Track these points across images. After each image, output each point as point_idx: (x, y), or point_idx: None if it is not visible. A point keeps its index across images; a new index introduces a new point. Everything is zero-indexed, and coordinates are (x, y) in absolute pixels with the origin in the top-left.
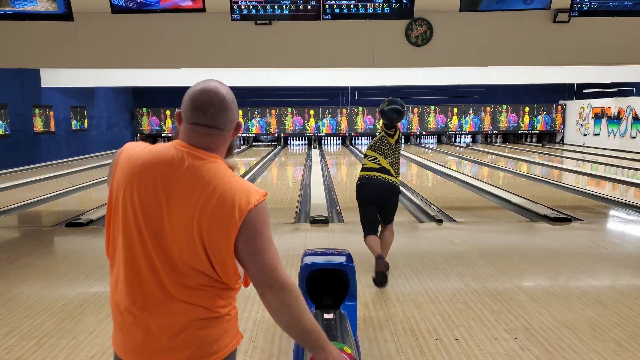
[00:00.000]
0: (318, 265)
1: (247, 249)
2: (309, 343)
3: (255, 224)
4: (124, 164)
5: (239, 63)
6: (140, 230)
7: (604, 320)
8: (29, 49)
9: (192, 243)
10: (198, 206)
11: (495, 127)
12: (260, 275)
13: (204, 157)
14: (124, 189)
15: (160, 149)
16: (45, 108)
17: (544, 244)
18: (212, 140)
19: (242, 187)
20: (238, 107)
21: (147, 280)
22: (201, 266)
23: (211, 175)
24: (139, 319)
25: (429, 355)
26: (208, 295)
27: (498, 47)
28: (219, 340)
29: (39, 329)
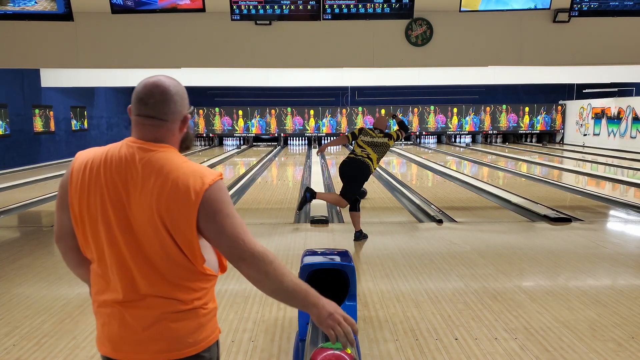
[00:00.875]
0: (318, 265)
1: (211, 229)
2: (298, 303)
3: (212, 203)
4: (81, 171)
5: (239, 63)
6: (110, 226)
7: (604, 320)
8: (29, 49)
9: (158, 231)
10: (154, 194)
11: (495, 127)
12: (230, 251)
13: (153, 148)
14: (87, 193)
15: (113, 149)
16: (45, 108)
17: (544, 244)
18: (156, 131)
19: (194, 170)
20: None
21: (121, 273)
22: (171, 253)
23: (162, 163)
24: (115, 311)
25: (429, 355)
26: (181, 287)
27: (498, 47)
28: (194, 334)
29: (38, 329)
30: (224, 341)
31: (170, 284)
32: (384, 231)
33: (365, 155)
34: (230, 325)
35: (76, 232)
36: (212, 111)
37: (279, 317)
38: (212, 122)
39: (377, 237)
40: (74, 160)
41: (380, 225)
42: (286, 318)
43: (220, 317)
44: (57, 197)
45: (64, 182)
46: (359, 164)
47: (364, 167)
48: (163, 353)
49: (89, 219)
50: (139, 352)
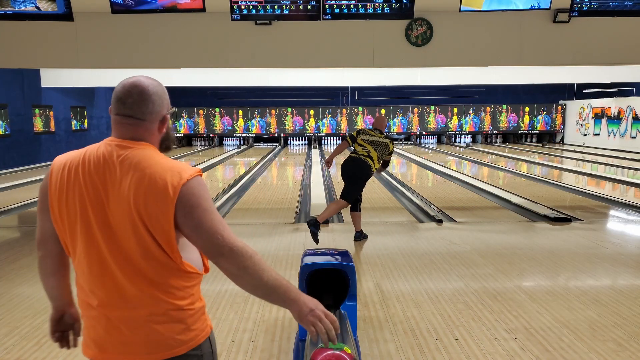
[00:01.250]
0: (318, 265)
1: (189, 224)
2: (279, 299)
3: (190, 198)
4: (60, 172)
5: (239, 63)
6: (91, 227)
7: (604, 320)
8: (29, 49)
9: (136, 227)
10: (132, 190)
11: (495, 127)
12: (208, 246)
13: (131, 145)
14: (66, 194)
15: (92, 149)
16: (45, 108)
17: (544, 244)
18: (134, 130)
19: (173, 165)
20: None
21: (103, 274)
22: (150, 249)
23: (140, 159)
24: (100, 314)
25: (429, 355)
26: (164, 287)
27: (498, 47)
28: (180, 334)
29: (39, 329)
30: (224, 341)
31: (153, 284)
32: (384, 231)
33: (366, 153)
34: (230, 325)
35: (59, 235)
36: (212, 111)
37: (279, 317)
38: (212, 122)
39: (377, 237)
40: (52, 164)
41: (380, 225)
42: (286, 318)
43: (220, 317)
44: (38, 201)
45: (43, 185)
46: (359, 163)
47: (364, 166)
48: (150, 354)
49: (68, 220)
50: (125, 354)
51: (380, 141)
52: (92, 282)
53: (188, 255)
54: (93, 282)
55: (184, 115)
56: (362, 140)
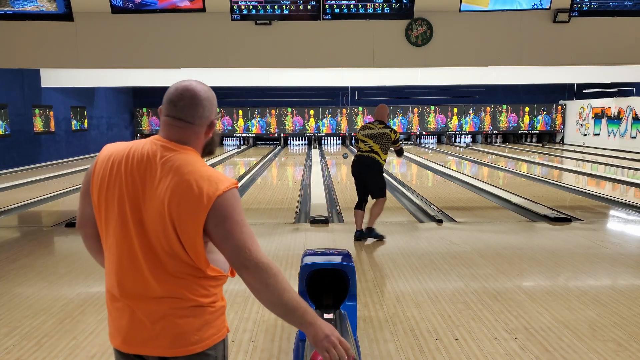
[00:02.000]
0: (318, 265)
1: (219, 234)
2: (295, 320)
3: (224, 209)
4: (105, 162)
5: (239, 63)
6: (126, 219)
7: (604, 320)
8: (29, 49)
9: (166, 228)
10: (167, 193)
11: (495, 127)
12: (235, 258)
13: (175, 148)
14: (107, 183)
15: (138, 144)
16: (45, 108)
17: (544, 244)
18: (182, 132)
19: (211, 175)
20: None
21: (131, 267)
22: (176, 251)
23: (180, 163)
24: (125, 305)
25: (429, 355)
26: (187, 284)
27: (498, 47)
28: (199, 331)
29: (39, 329)
30: None
31: (178, 281)
32: (384, 231)
33: (368, 149)
34: (230, 325)
35: (97, 221)
36: None
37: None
38: None
39: None
40: (100, 153)
41: (380, 225)
42: None
43: None
44: (82, 185)
45: (88, 172)
46: (365, 160)
47: (370, 162)
48: (168, 349)
49: (105, 211)
50: (146, 347)
51: (379, 133)
52: (121, 273)
53: (216, 256)
54: (121, 274)
55: None
56: (362, 136)
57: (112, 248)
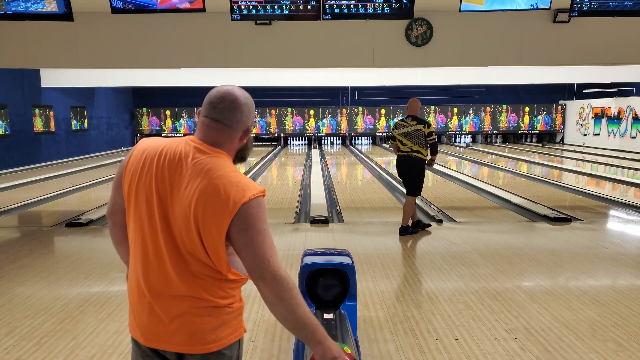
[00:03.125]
0: (318, 265)
1: (241, 240)
2: (305, 337)
3: (248, 217)
4: (139, 156)
5: (239, 63)
6: (153, 215)
7: (604, 320)
8: (29, 49)
9: (190, 229)
10: (195, 195)
11: (495, 127)
12: (253, 267)
13: (208, 151)
14: (138, 177)
15: (172, 143)
16: (45, 108)
17: (544, 244)
18: (218, 135)
19: (239, 181)
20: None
21: (155, 263)
22: (198, 253)
23: (211, 166)
24: (146, 299)
25: (429, 355)
26: (207, 284)
27: (498, 47)
28: (216, 331)
29: (39, 329)
30: None
31: (198, 281)
32: (384, 231)
33: (408, 149)
34: None
35: (126, 212)
36: None
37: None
38: None
39: (377, 237)
40: (135, 146)
41: (380, 225)
42: None
43: None
44: (115, 175)
45: (122, 163)
46: (406, 161)
47: (411, 163)
48: (185, 345)
49: (135, 204)
50: (163, 342)
51: (412, 130)
52: (146, 267)
53: (236, 258)
54: (147, 268)
55: (184, 115)
56: (399, 135)
57: (138, 242)
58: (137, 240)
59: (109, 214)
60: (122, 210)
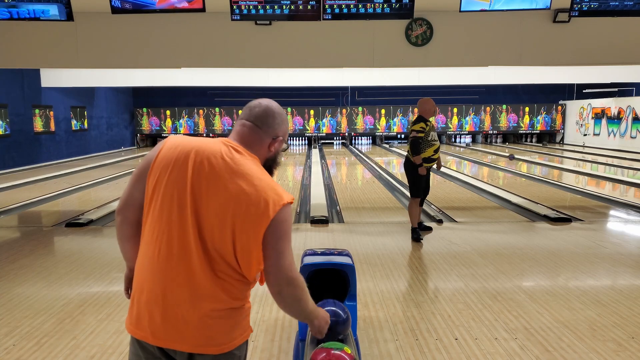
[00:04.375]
0: (318, 265)
1: (271, 244)
2: (309, 322)
3: (282, 224)
4: (170, 150)
5: (239, 63)
6: (184, 211)
7: (604, 320)
8: (29, 49)
9: (224, 229)
10: (235, 196)
11: (495, 127)
12: (277, 271)
13: (243, 152)
14: (170, 171)
15: (208, 142)
16: (45, 108)
17: (544, 244)
18: (250, 133)
19: (275, 186)
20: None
21: (179, 260)
22: (226, 253)
23: (249, 169)
24: (162, 298)
25: (429, 355)
26: (227, 286)
27: (498, 47)
28: (230, 331)
29: (39, 329)
30: None
31: (219, 281)
32: (384, 231)
33: (407, 150)
34: None
35: (145, 207)
36: (212, 111)
37: (279, 317)
38: (212, 122)
39: (377, 237)
40: (165, 140)
41: (380, 225)
42: (286, 318)
43: None
44: (138, 168)
45: (149, 157)
46: (405, 162)
47: (405, 164)
48: (201, 346)
49: (163, 198)
50: (179, 343)
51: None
52: (166, 265)
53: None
54: (166, 266)
55: (184, 115)
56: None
57: (162, 238)
58: (161, 236)
59: (121, 208)
60: (137, 206)
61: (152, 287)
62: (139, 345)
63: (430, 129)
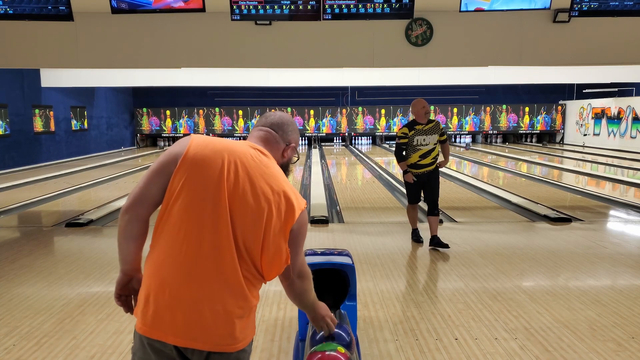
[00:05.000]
0: (318, 265)
1: (293, 242)
2: (309, 311)
3: (303, 226)
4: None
5: (239, 63)
6: (219, 209)
7: (604, 320)
8: (29, 49)
9: (257, 229)
10: (267, 197)
11: (495, 127)
12: (295, 268)
13: (267, 154)
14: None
15: (236, 142)
16: (45, 108)
17: (544, 244)
18: (266, 137)
19: (295, 191)
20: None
21: (210, 258)
22: (255, 253)
23: (277, 171)
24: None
25: (429, 355)
26: (250, 285)
27: (498, 47)
28: (244, 330)
29: (39, 329)
30: None
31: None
32: (384, 231)
33: None
34: None
35: (165, 204)
36: (212, 111)
37: (279, 317)
38: (212, 122)
39: (377, 237)
40: (192, 137)
41: (380, 225)
42: (286, 318)
43: None
44: (158, 163)
45: (176, 152)
46: None
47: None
48: (221, 345)
49: (194, 195)
50: (200, 341)
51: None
52: (194, 264)
53: None
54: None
55: (184, 115)
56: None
57: (191, 235)
58: (189, 234)
59: (131, 204)
60: (152, 203)
61: (176, 285)
62: (152, 349)
63: (418, 133)
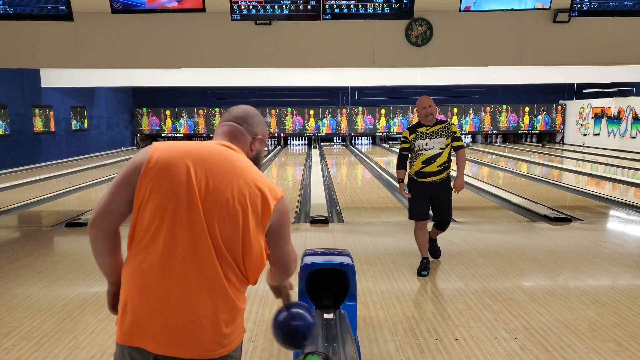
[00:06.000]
0: (318, 265)
1: (275, 233)
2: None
3: (282, 216)
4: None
5: (239, 63)
6: (194, 212)
7: (604, 320)
8: (29, 49)
9: (234, 226)
10: (240, 192)
11: (495, 127)
12: (280, 256)
13: (235, 149)
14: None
15: (200, 145)
16: (45, 108)
17: (544, 244)
18: (232, 131)
19: (268, 181)
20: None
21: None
22: (236, 253)
23: (246, 165)
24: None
25: (429, 355)
26: (234, 289)
27: (498, 47)
28: (229, 335)
29: (39, 329)
30: None
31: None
32: (384, 231)
33: None
34: None
35: (135, 215)
36: (212, 111)
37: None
38: (212, 122)
39: (377, 237)
40: (153, 146)
41: (380, 225)
42: None
43: None
44: (122, 175)
45: (138, 162)
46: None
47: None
48: (205, 352)
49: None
50: (182, 349)
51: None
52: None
53: None
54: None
55: (184, 115)
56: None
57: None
58: (166, 242)
59: (96, 219)
60: (118, 215)
61: (154, 291)
62: (132, 356)
63: (420, 136)
